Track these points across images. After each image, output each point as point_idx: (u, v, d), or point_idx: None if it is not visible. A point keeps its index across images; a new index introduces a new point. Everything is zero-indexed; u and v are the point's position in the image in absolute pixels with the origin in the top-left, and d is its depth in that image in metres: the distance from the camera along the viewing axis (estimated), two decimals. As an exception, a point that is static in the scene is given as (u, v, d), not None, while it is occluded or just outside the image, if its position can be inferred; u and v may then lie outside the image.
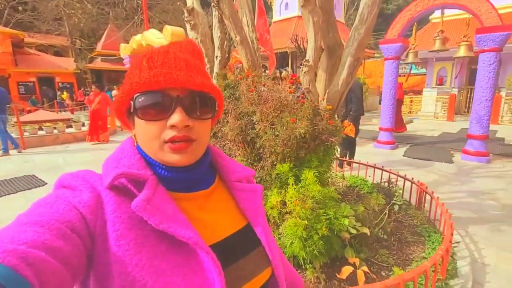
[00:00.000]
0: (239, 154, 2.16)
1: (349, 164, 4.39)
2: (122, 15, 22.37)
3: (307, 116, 1.98)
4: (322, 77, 2.55)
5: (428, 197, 3.02)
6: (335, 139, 2.05)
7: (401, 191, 3.18)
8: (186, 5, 2.81)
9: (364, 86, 8.23)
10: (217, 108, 0.55)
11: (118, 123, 9.34)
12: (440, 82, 12.36)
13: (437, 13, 6.10)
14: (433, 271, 1.84)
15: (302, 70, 2.17)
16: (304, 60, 2.17)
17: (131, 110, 0.50)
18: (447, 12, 7.25)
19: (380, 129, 6.99)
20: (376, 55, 18.10)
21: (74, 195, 0.44)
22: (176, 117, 0.47)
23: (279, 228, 1.90)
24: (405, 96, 13.45)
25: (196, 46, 0.57)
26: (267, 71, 10.34)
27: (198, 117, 0.50)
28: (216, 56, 2.67)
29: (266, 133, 1.96)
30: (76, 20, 21.18)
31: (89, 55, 20.94)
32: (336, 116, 2.36)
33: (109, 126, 8.33)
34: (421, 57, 12.85)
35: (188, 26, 2.72)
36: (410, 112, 13.52)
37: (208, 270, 0.45)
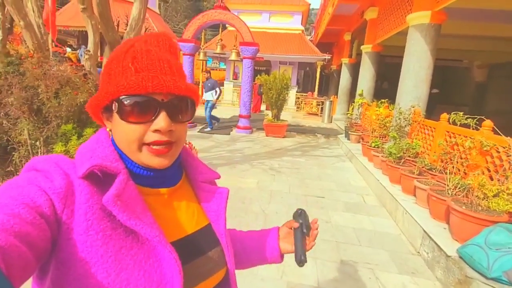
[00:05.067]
0: (25, 118, 2.64)
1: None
2: None
3: (87, 91, 2.79)
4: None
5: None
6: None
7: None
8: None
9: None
10: (195, 109, 0.56)
11: None
12: (236, 77, 15.76)
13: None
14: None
15: (85, 57, 2.92)
16: (86, 50, 2.92)
17: (115, 111, 0.49)
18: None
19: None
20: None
21: (45, 180, 0.44)
22: (161, 122, 0.48)
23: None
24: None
25: (172, 41, 0.57)
26: (68, 50, 9.57)
27: (180, 121, 0.52)
28: (-2, 36, 2.82)
29: (51, 102, 2.60)
30: None
31: None
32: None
33: None
34: (221, 56, 15.91)
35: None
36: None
37: (167, 268, 0.46)
